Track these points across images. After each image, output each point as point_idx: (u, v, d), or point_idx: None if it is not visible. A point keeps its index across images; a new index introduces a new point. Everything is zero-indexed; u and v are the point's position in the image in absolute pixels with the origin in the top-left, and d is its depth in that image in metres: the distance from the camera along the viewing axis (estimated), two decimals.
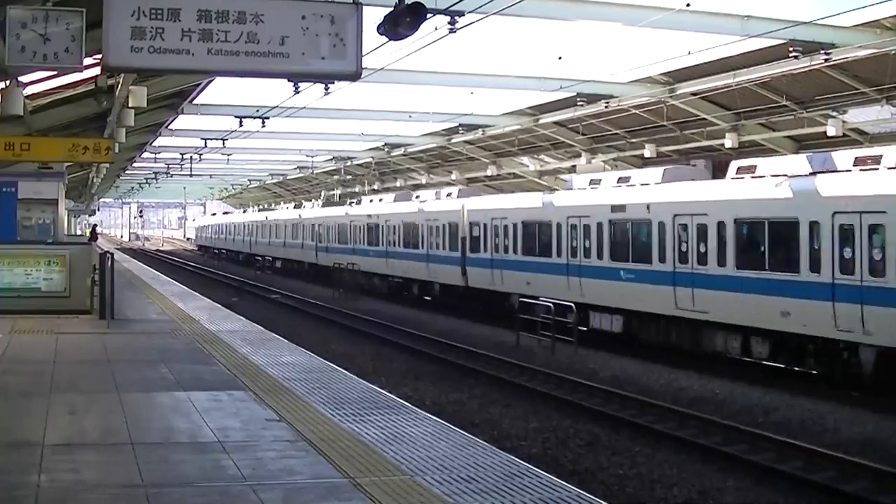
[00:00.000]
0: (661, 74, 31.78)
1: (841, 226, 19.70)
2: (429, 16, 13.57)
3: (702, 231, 23.36)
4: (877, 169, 19.98)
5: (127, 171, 69.52)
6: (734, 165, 24.21)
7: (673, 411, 18.11)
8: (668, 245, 24.54)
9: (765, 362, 22.10)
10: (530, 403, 19.26)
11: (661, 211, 24.96)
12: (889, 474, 13.72)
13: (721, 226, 22.78)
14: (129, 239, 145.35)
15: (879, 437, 16.19)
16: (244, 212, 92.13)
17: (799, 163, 22.56)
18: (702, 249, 23.27)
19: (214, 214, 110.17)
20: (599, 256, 27.62)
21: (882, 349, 18.80)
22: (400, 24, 12.65)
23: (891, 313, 18.50)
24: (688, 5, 21.30)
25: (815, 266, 20.23)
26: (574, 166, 46.54)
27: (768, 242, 21.87)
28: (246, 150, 57.19)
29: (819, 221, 20.16)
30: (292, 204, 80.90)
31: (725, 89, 30.77)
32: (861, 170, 20.40)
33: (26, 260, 22.39)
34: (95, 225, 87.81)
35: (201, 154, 51.63)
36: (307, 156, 61.13)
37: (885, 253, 18.78)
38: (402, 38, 13.68)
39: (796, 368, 21.69)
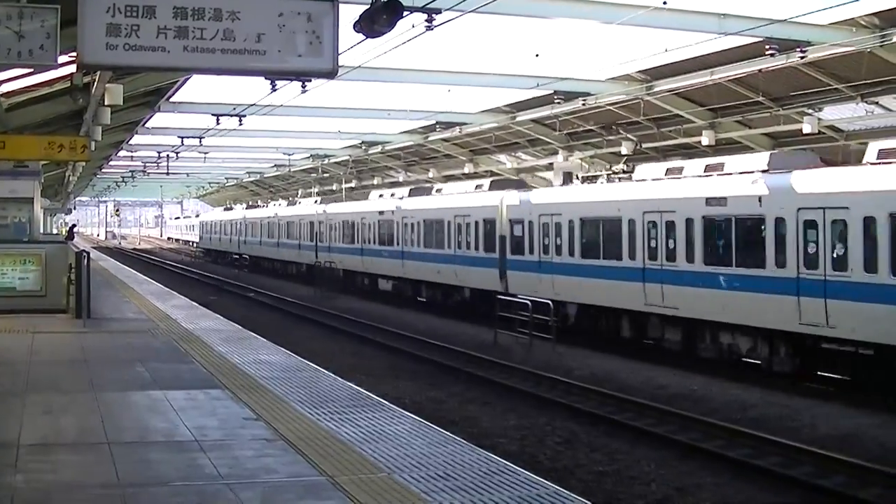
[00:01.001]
0: (639, 72, 31.84)
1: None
2: (405, 13, 13.55)
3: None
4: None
5: (103, 170, 69.25)
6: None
7: (651, 408, 18.16)
8: None
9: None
10: (508, 401, 19.27)
11: None
12: (866, 469, 13.79)
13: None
14: (106, 238, 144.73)
15: (856, 432, 16.26)
16: (297, 202, 62.97)
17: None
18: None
19: (230, 209, 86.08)
20: None
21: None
22: (376, 21, 12.63)
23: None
24: (664, 3, 21.34)
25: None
26: (551, 164, 46.64)
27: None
28: (223, 149, 57.09)
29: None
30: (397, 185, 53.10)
31: (702, 86, 30.87)
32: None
33: (1, 259, 22.25)
34: (74, 224, 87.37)
35: (178, 152, 51.52)
36: (284, 154, 61.02)
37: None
38: (378, 36, 13.66)
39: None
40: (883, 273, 18.44)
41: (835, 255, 19.41)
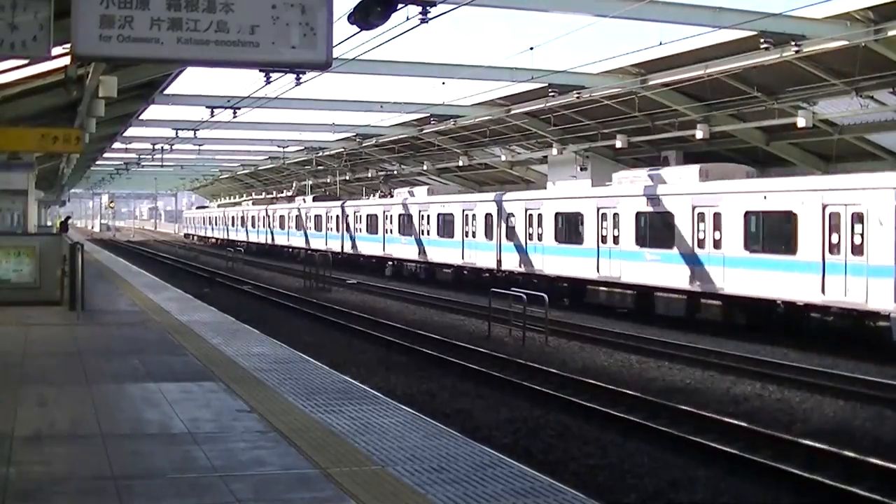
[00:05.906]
0: (633, 65, 31.84)
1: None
2: (400, 5, 13.54)
3: None
4: None
5: (98, 162, 69.18)
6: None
7: (643, 401, 18.15)
8: None
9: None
10: (501, 394, 19.25)
11: None
12: (859, 462, 13.81)
13: None
14: (100, 230, 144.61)
15: (849, 425, 16.31)
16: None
17: None
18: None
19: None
20: None
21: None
22: (371, 13, 12.63)
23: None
24: None
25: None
26: (545, 157, 46.64)
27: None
28: (217, 141, 57.05)
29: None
30: None
31: (697, 80, 30.86)
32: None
33: None
34: (68, 216, 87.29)
35: (172, 144, 51.48)
36: (279, 146, 61.01)
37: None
38: (372, 28, 13.66)
39: None
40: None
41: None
